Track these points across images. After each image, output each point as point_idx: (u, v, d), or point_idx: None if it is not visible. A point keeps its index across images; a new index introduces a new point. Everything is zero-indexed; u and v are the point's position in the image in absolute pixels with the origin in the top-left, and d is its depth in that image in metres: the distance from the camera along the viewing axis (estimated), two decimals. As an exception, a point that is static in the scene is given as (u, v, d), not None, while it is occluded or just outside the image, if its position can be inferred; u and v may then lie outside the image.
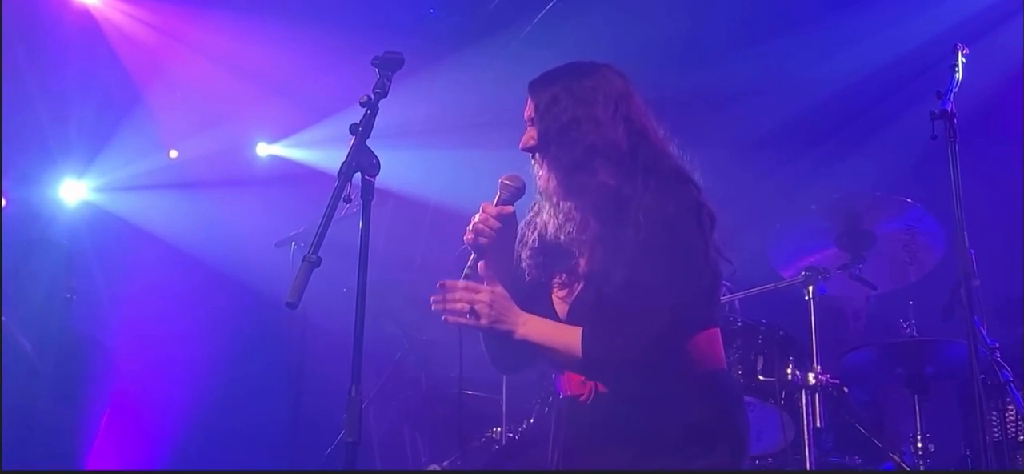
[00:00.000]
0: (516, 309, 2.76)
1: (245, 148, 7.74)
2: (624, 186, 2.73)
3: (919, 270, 4.91)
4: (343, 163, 2.65)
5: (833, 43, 6.31)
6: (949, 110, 3.37)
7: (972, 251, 3.35)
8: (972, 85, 3.63)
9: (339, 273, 2.93)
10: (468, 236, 2.85)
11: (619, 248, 2.68)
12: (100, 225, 7.35)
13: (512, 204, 2.87)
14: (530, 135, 2.85)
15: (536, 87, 2.87)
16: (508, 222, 2.85)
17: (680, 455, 2.65)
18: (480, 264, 2.84)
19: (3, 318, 5.12)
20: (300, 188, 7.05)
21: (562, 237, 2.82)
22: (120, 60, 6.99)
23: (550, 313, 2.84)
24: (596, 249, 2.75)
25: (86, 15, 6.80)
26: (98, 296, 7.06)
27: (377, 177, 2.69)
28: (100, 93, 7.12)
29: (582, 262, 2.81)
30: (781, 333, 4.81)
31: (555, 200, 2.82)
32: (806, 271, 4.77)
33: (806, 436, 4.52)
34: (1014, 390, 4.26)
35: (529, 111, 2.88)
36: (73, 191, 7.38)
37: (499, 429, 5.25)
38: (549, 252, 2.87)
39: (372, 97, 2.75)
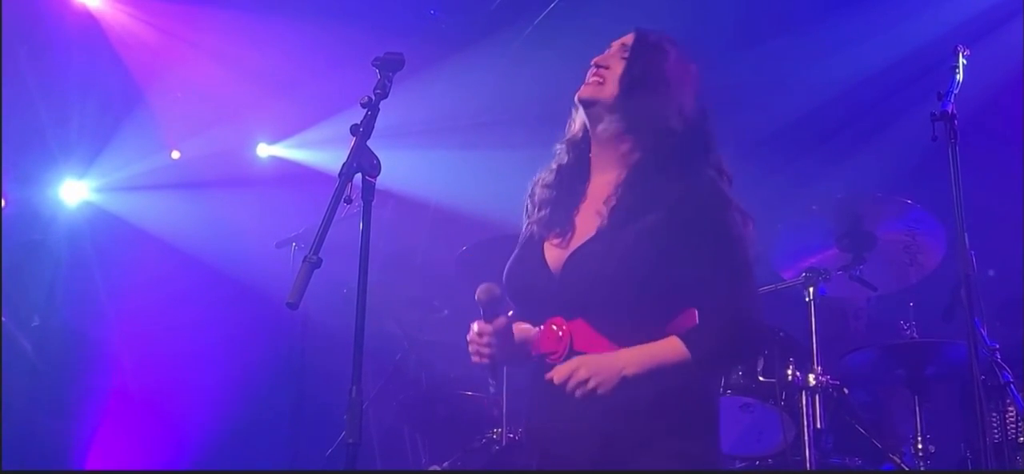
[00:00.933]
0: (605, 356, 2.65)
1: (246, 149, 7.74)
2: (675, 154, 2.78)
3: (920, 271, 4.90)
4: (344, 164, 2.65)
5: (834, 45, 6.31)
6: (950, 111, 3.37)
7: (973, 252, 3.35)
8: (973, 86, 3.63)
9: (339, 274, 2.94)
10: (475, 360, 2.82)
11: (644, 211, 2.71)
12: (101, 225, 7.35)
13: (499, 313, 2.81)
14: (611, 58, 2.91)
15: (642, 33, 2.95)
16: (506, 331, 2.82)
17: (649, 420, 2.64)
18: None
19: (3, 318, 5.13)
20: (301, 189, 7.06)
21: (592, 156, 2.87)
22: (121, 61, 6.99)
23: (539, 261, 2.83)
24: (619, 203, 2.77)
25: (87, 15, 6.80)
26: (98, 296, 7.07)
27: (378, 178, 2.69)
28: (101, 94, 7.12)
29: (578, 214, 2.84)
30: (781, 334, 4.81)
31: (606, 136, 2.85)
32: (807, 272, 4.76)
33: (806, 437, 4.52)
34: (1014, 391, 4.25)
35: (622, 39, 2.94)
36: (74, 191, 7.38)
37: (499, 430, 5.25)
38: (556, 206, 2.88)
39: (373, 98, 2.75)
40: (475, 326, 2.80)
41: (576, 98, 2.92)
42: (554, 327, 2.74)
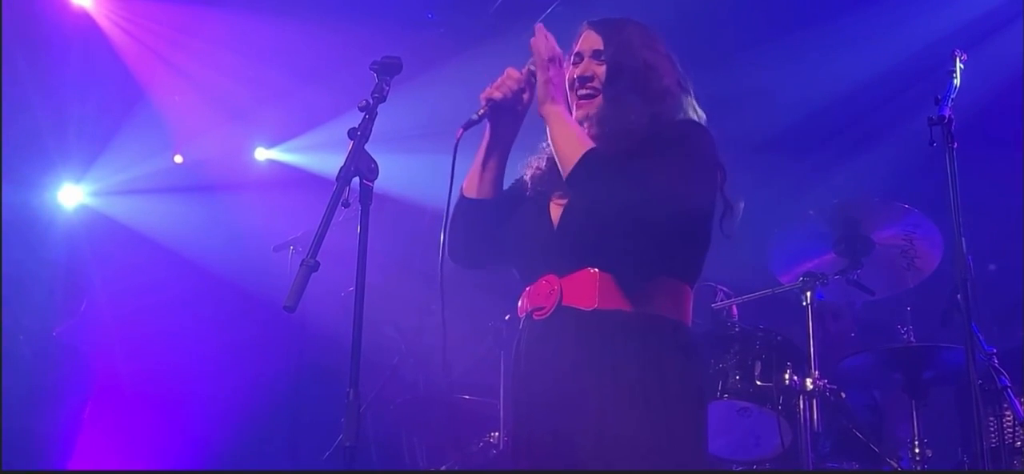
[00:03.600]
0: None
1: (244, 153, 7.74)
2: (660, 116, 2.86)
3: (917, 276, 4.90)
4: (341, 167, 2.65)
5: (831, 49, 6.32)
6: (947, 116, 3.38)
7: (970, 257, 3.36)
8: (970, 91, 3.64)
9: (337, 277, 2.94)
10: (485, 92, 2.91)
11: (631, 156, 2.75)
12: (98, 229, 7.35)
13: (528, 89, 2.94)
14: (590, 67, 2.95)
15: (605, 25, 3.00)
16: (526, 88, 2.93)
17: (632, 378, 2.64)
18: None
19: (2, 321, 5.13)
20: (298, 192, 7.06)
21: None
22: (119, 65, 6.99)
23: (547, 220, 2.87)
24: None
25: (85, 18, 6.81)
26: (96, 299, 7.07)
27: (376, 181, 2.69)
28: (98, 97, 7.12)
29: None
30: (779, 338, 4.81)
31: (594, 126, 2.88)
32: (804, 277, 4.77)
33: (804, 441, 4.53)
34: (1011, 396, 4.26)
35: (589, 44, 2.98)
36: (71, 195, 7.38)
37: (497, 434, 5.25)
38: (553, 173, 2.90)
39: (371, 101, 2.75)
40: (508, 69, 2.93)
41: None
42: (546, 282, 2.78)
